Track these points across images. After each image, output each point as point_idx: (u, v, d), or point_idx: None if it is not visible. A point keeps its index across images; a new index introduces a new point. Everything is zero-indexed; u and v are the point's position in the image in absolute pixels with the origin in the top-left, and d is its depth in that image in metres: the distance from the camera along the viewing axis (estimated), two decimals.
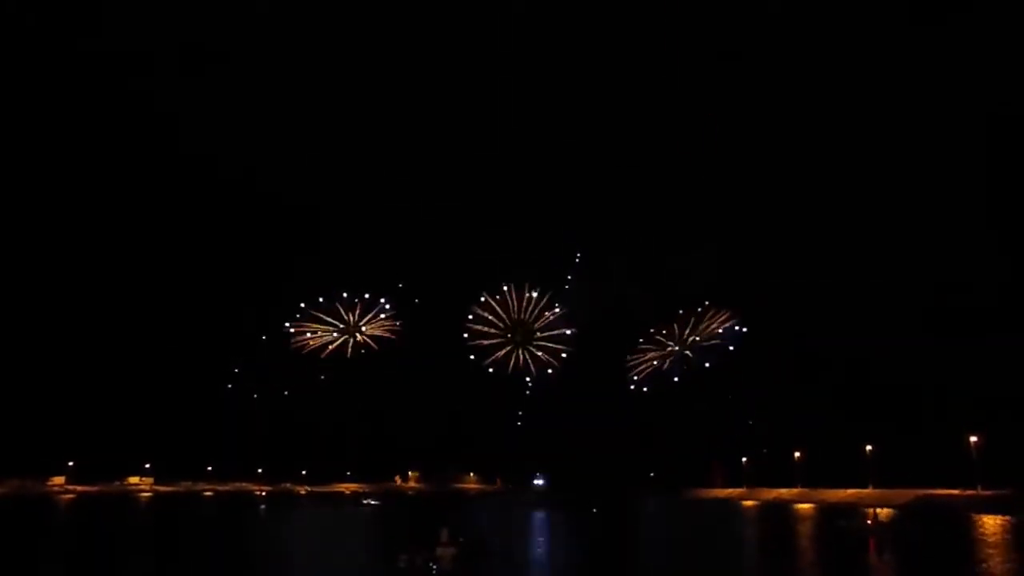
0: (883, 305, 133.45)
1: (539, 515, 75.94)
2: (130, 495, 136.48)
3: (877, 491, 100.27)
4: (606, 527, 59.71)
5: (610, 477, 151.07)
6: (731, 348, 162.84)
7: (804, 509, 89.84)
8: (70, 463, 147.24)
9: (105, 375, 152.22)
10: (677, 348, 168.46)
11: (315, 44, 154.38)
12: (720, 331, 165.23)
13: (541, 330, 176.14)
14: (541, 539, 48.81)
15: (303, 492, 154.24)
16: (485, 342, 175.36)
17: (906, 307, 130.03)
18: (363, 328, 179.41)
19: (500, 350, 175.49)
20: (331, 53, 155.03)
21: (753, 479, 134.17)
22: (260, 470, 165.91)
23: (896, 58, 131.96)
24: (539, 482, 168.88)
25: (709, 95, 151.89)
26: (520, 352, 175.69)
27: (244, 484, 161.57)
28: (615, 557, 37.86)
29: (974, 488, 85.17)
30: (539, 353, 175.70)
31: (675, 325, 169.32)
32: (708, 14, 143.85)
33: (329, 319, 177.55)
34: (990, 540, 46.20)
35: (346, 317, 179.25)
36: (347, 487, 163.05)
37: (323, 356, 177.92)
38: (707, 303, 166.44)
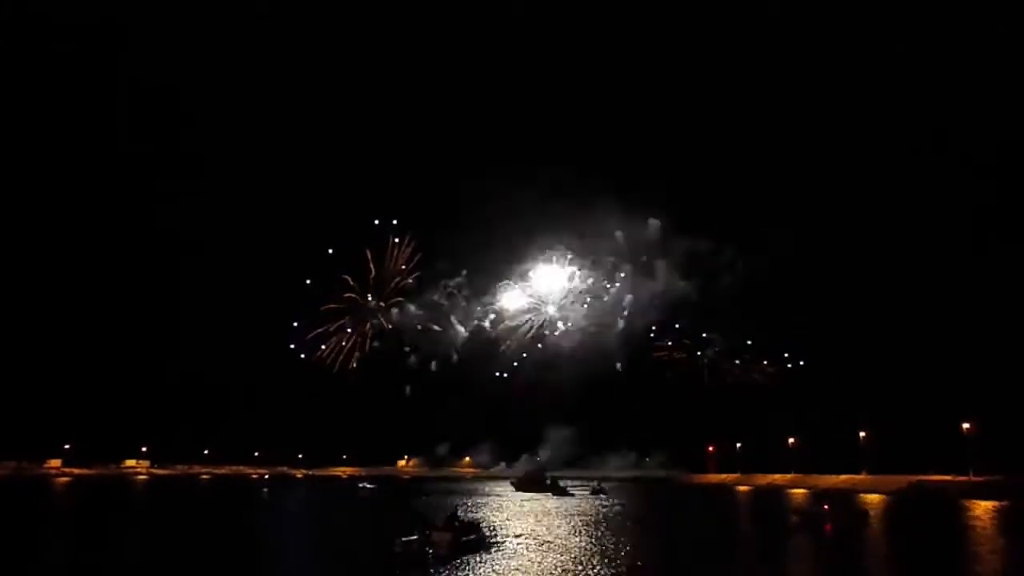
0: (878, 288, 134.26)
1: (543, 498, 76.20)
2: (126, 478, 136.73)
3: (871, 477, 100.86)
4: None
5: (605, 460, 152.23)
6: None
7: (797, 495, 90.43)
8: (66, 446, 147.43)
9: (102, 359, 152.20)
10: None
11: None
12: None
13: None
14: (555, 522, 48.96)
15: (300, 475, 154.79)
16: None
17: (902, 291, 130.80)
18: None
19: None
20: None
21: (747, 464, 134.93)
22: (257, 453, 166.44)
23: (900, 59, 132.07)
24: (540, 464, 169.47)
25: (711, 95, 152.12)
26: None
27: (241, 467, 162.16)
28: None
29: (967, 474, 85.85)
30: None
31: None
32: (708, 14, 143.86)
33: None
34: (969, 525, 46.61)
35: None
36: (344, 470, 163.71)
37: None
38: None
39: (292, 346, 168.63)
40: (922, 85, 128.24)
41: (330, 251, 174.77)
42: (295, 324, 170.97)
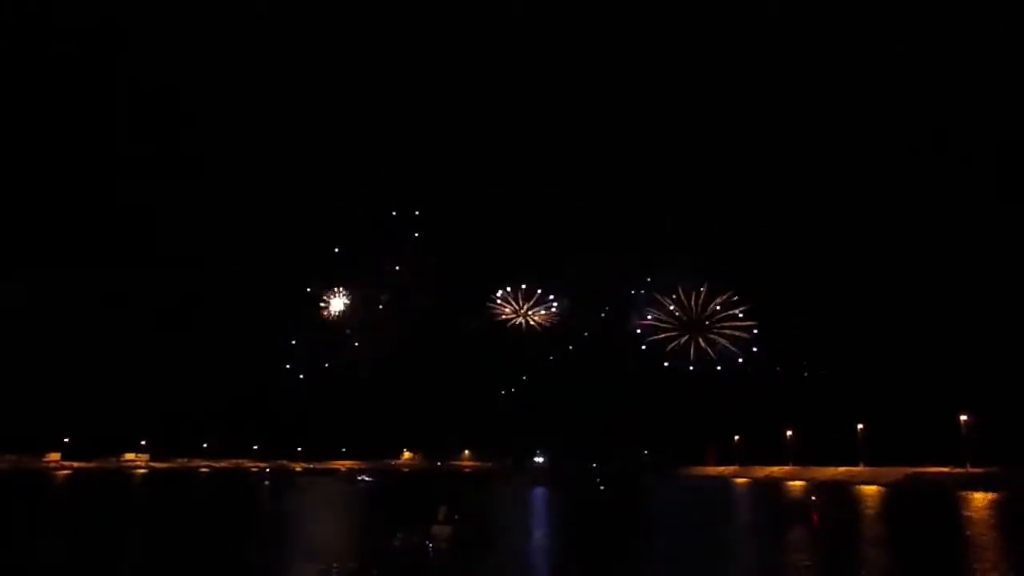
0: (875, 282, 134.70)
1: (544, 492, 76.43)
2: (125, 471, 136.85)
3: (868, 469, 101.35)
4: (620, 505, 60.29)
5: (609, 455, 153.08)
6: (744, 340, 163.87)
7: (795, 487, 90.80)
8: (65, 439, 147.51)
9: (101, 351, 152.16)
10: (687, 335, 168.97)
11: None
12: (738, 316, 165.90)
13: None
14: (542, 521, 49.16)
15: (299, 469, 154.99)
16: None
17: (899, 285, 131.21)
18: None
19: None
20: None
21: (745, 457, 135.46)
22: (255, 447, 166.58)
23: (899, 59, 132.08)
24: (538, 460, 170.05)
25: (711, 95, 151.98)
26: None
27: (240, 461, 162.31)
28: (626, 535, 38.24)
29: (964, 466, 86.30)
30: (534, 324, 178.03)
31: (683, 309, 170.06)
32: (708, 14, 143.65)
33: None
34: (966, 516, 46.85)
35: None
36: (343, 464, 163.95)
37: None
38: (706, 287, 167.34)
39: (288, 365, 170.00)
40: (922, 85, 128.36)
41: (336, 250, 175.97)
42: (293, 342, 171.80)
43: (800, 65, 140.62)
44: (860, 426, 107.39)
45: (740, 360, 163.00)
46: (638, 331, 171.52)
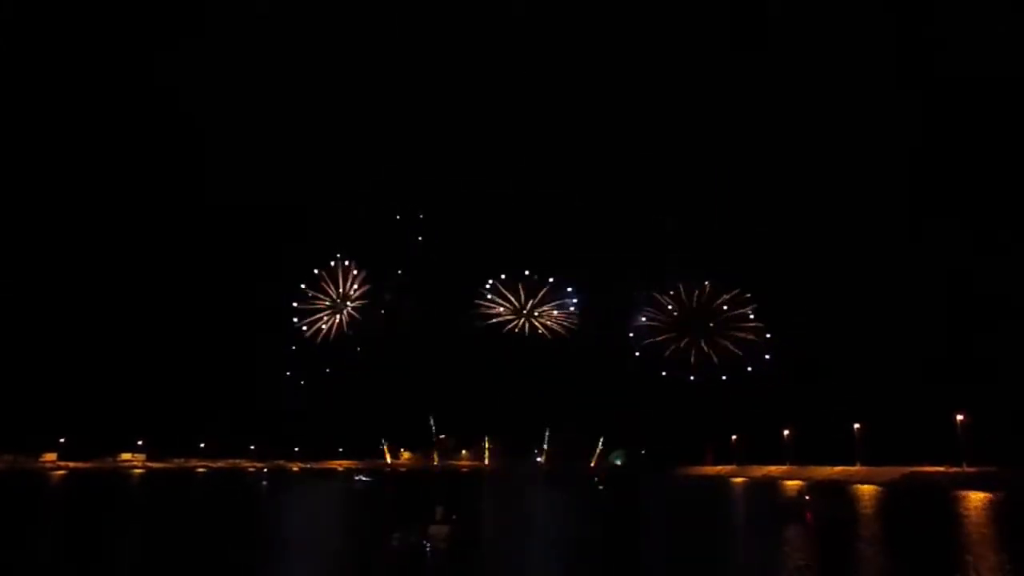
0: (873, 282, 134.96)
1: (544, 493, 76.40)
2: (122, 472, 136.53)
3: (865, 468, 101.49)
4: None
5: (608, 454, 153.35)
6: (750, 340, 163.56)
7: (791, 486, 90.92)
8: (61, 440, 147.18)
9: (97, 351, 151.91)
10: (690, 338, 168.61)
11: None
12: (748, 317, 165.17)
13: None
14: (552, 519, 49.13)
15: (296, 469, 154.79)
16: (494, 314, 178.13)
17: (897, 285, 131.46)
18: (349, 304, 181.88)
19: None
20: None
21: (744, 457, 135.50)
22: (253, 447, 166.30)
23: (898, 59, 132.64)
24: (538, 459, 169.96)
25: (713, 95, 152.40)
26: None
27: (237, 461, 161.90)
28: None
29: (960, 465, 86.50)
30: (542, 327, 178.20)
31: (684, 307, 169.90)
32: (708, 15, 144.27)
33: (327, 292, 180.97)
34: (961, 516, 46.97)
35: (337, 291, 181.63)
36: (340, 464, 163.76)
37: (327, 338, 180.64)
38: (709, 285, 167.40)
39: (288, 373, 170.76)
40: (922, 85, 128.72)
41: (338, 255, 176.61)
42: (293, 347, 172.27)
43: (800, 65, 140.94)
44: (857, 426, 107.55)
45: (749, 369, 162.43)
46: (634, 333, 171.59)
